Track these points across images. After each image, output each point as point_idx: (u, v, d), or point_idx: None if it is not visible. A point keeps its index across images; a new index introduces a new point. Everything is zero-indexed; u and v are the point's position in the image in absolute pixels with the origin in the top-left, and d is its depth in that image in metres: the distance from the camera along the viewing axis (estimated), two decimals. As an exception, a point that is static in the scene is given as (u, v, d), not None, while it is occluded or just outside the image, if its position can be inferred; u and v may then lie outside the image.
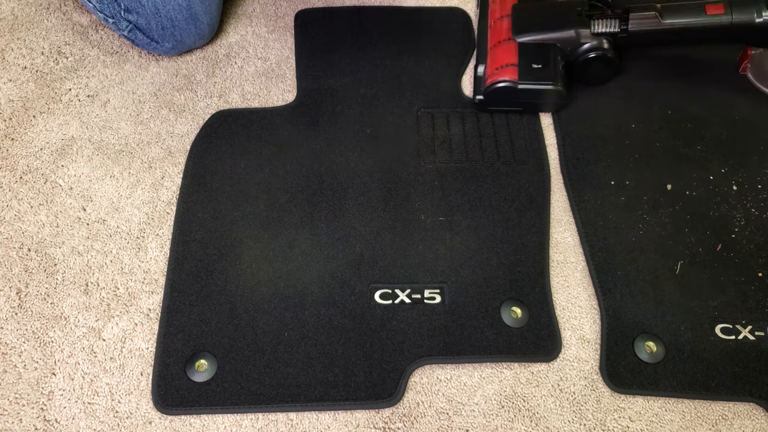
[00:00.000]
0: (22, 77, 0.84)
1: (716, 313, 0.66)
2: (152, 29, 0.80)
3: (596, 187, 0.75)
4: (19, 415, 0.61)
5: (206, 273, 0.68)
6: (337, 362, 0.63)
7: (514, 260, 0.69)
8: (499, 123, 0.79)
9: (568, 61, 0.78)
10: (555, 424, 0.61)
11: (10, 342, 0.65)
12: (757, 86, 0.83)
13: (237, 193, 0.74)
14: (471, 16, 0.90)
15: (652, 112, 0.80)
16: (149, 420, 0.61)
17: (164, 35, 0.80)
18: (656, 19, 0.76)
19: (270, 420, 0.61)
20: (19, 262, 0.70)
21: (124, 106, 0.81)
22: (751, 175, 0.76)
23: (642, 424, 0.62)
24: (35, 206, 0.73)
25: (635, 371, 0.63)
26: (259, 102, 0.82)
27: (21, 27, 0.88)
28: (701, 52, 0.85)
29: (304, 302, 0.67)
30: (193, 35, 0.81)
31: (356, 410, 0.62)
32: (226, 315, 0.66)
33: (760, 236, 0.71)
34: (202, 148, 0.77)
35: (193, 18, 0.79)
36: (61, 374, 0.63)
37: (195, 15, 0.79)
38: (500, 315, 0.66)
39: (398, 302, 0.67)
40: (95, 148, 0.78)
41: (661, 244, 0.71)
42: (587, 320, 0.67)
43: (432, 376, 0.64)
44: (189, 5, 0.78)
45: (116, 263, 0.70)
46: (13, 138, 0.78)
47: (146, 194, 0.74)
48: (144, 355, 0.64)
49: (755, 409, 0.62)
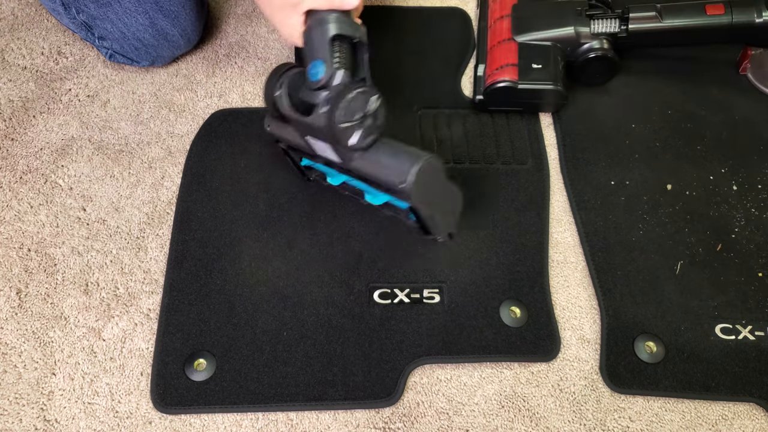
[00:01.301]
0: (22, 77, 0.84)
1: (716, 313, 0.66)
2: (127, 51, 0.80)
3: (596, 187, 0.75)
4: (19, 415, 0.61)
5: (205, 272, 0.68)
6: (336, 362, 0.63)
7: (513, 260, 0.69)
8: (499, 123, 0.79)
9: (568, 61, 0.78)
10: (555, 424, 0.61)
11: (10, 342, 0.65)
12: (757, 86, 0.82)
13: (237, 192, 0.74)
14: (471, 16, 0.90)
15: (652, 112, 0.80)
16: (149, 420, 0.61)
17: (140, 54, 0.81)
18: (656, 19, 0.76)
19: (270, 420, 0.61)
20: (19, 262, 0.70)
21: (124, 106, 0.82)
22: (751, 175, 0.75)
23: (642, 424, 0.61)
24: (35, 206, 0.73)
25: (635, 371, 0.63)
26: (259, 102, 0.82)
27: (21, 27, 0.88)
28: (701, 52, 0.85)
29: (303, 302, 0.67)
30: (167, 49, 0.81)
31: (356, 410, 0.62)
32: (225, 314, 0.66)
33: (760, 236, 0.71)
34: (202, 147, 0.77)
35: (161, 34, 0.78)
36: (61, 374, 0.63)
37: (162, 30, 0.78)
38: (499, 315, 0.66)
39: (397, 302, 0.67)
40: (95, 148, 0.78)
41: (661, 244, 0.71)
42: (587, 320, 0.67)
43: (432, 376, 0.64)
44: (153, 23, 0.77)
45: (116, 263, 0.70)
46: (13, 138, 0.79)
47: (146, 194, 0.74)
48: (144, 355, 0.64)
49: (755, 409, 0.62)
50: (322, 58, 0.56)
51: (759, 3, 0.74)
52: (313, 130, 0.56)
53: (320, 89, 0.56)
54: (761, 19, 0.74)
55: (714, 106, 0.81)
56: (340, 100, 0.52)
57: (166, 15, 0.78)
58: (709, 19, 0.75)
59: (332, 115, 0.53)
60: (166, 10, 0.78)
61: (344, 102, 0.53)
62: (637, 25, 0.76)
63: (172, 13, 0.78)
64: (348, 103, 0.53)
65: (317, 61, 0.56)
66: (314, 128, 0.56)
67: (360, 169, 0.57)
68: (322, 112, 0.54)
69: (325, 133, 0.55)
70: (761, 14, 0.74)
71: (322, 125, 0.54)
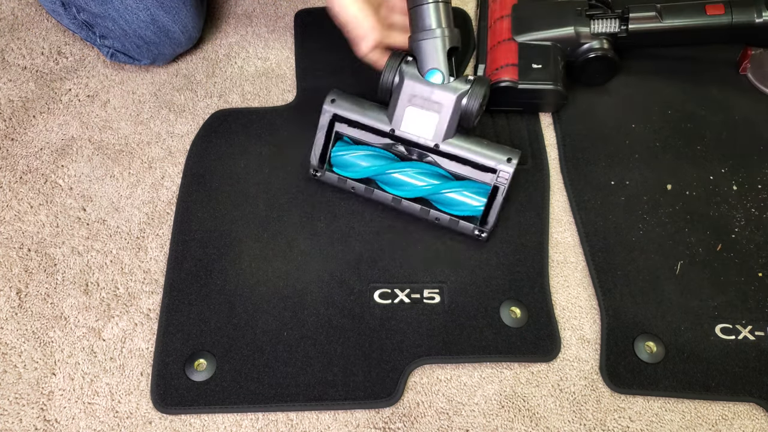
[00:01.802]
0: (22, 77, 0.84)
1: (716, 313, 0.66)
2: (128, 49, 0.81)
3: (596, 187, 0.75)
4: (19, 415, 0.61)
5: (205, 272, 0.68)
6: (336, 362, 0.63)
7: (513, 260, 0.69)
8: (499, 123, 0.79)
9: (568, 61, 0.78)
10: (555, 424, 0.61)
11: (10, 342, 0.65)
12: (757, 86, 0.82)
13: (236, 192, 0.74)
14: (471, 16, 0.90)
15: (652, 112, 0.80)
16: (149, 420, 0.61)
17: (141, 52, 0.81)
18: (656, 19, 0.76)
19: (270, 420, 0.61)
20: (19, 262, 0.70)
21: (124, 106, 0.82)
22: (751, 175, 0.75)
23: (642, 424, 0.62)
24: (35, 206, 0.73)
25: (635, 371, 0.63)
26: (259, 102, 0.82)
27: (21, 27, 0.88)
28: (701, 52, 0.85)
29: (303, 302, 0.67)
30: (168, 46, 0.81)
31: (356, 410, 0.62)
32: (225, 314, 0.66)
33: (760, 236, 0.71)
34: (202, 147, 0.77)
35: (162, 30, 0.78)
36: (61, 374, 0.63)
37: (163, 27, 0.78)
38: (499, 315, 0.66)
39: (397, 302, 0.67)
40: (95, 148, 0.78)
41: (661, 244, 0.71)
42: (587, 320, 0.67)
43: (432, 376, 0.64)
44: (154, 19, 0.77)
45: (116, 263, 0.70)
46: (13, 138, 0.79)
47: (146, 194, 0.74)
48: (144, 355, 0.64)
49: (755, 409, 0.62)
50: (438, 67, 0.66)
51: (759, 3, 0.74)
52: (437, 104, 0.66)
53: None
54: (761, 19, 0.74)
55: (714, 106, 0.81)
56: (485, 88, 0.66)
57: (167, 11, 0.78)
58: (709, 19, 0.75)
59: (475, 98, 0.65)
60: (167, 6, 0.78)
61: (484, 90, 0.66)
62: (637, 25, 0.76)
63: (172, 9, 0.78)
64: (484, 92, 0.66)
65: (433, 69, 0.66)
66: (442, 104, 0.66)
67: (458, 148, 0.67)
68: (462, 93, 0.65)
69: (460, 111, 0.66)
70: (761, 14, 0.74)
71: (464, 105, 0.66)
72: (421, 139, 0.67)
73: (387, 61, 0.67)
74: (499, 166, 0.65)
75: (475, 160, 0.66)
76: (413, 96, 0.66)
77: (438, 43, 0.65)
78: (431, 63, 0.65)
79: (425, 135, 0.67)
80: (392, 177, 0.69)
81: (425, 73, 0.66)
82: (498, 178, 0.66)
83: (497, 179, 0.66)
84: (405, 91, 0.66)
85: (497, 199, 0.67)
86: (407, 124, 0.67)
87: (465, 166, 0.68)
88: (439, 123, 0.66)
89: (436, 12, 0.65)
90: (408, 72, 0.66)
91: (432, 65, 0.65)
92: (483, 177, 0.67)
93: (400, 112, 0.67)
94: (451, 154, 0.67)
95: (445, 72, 0.65)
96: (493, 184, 0.66)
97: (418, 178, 0.69)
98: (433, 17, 0.65)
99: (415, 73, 0.66)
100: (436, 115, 0.66)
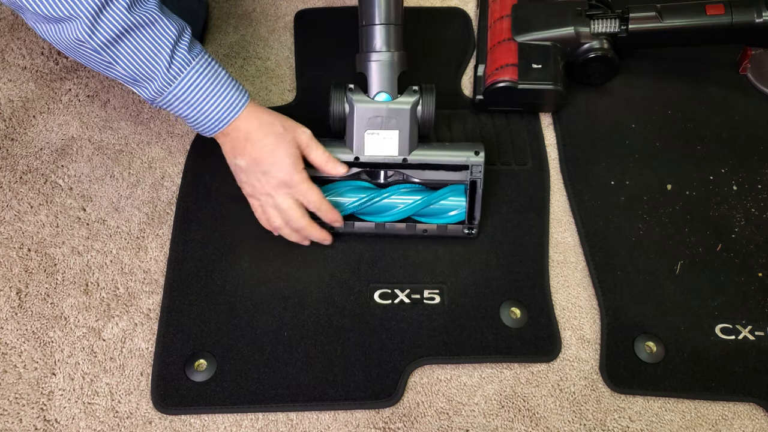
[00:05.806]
0: (22, 77, 0.84)
1: (716, 313, 0.66)
2: None
3: (596, 187, 0.75)
4: (19, 415, 0.61)
5: (206, 273, 0.68)
6: (336, 362, 0.63)
7: (513, 261, 0.69)
8: (499, 123, 0.79)
9: (568, 61, 0.78)
10: (555, 424, 0.61)
11: (10, 342, 0.65)
12: (757, 86, 0.82)
13: (237, 192, 0.74)
14: (471, 16, 0.90)
15: (652, 112, 0.80)
16: (149, 420, 0.61)
17: None
18: (656, 19, 0.76)
19: (270, 420, 0.61)
20: (19, 262, 0.70)
21: (124, 106, 0.81)
22: (751, 175, 0.75)
23: (642, 424, 0.62)
24: (35, 206, 0.73)
25: (635, 371, 0.63)
26: (259, 102, 0.82)
27: (21, 27, 0.88)
28: (701, 52, 0.85)
29: (303, 302, 0.67)
30: None
31: (356, 410, 0.62)
32: (225, 315, 0.66)
33: (760, 236, 0.71)
34: (202, 147, 0.77)
35: None
36: (61, 374, 0.63)
37: None
38: (499, 315, 0.66)
39: (398, 302, 0.67)
40: (95, 148, 0.78)
41: (661, 244, 0.71)
42: (587, 320, 0.67)
43: (432, 376, 0.64)
44: None
45: (116, 263, 0.70)
46: (13, 138, 0.78)
47: (146, 194, 0.74)
48: (144, 355, 0.64)
49: (755, 409, 0.62)
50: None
51: (759, 3, 0.74)
52: (394, 120, 0.67)
53: None
54: (761, 19, 0.74)
55: (714, 106, 0.81)
56: (434, 94, 0.68)
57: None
58: (709, 19, 0.75)
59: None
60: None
61: (434, 96, 0.68)
62: (637, 25, 0.76)
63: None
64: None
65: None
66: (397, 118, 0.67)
67: (426, 156, 0.67)
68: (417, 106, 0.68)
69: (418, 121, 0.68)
70: (761, 14, 0.74)
71: (420, 114, 0.68)
72: (388, 158, 0.67)
73: (331, 92, 0.67)
74: (470, 161, 0.66)
75: (446, 162, 0.67)
76: (368, 119, 0.67)
77: (388, 66, 0.66)
78: (381, 86, 0.67)
79: (391, 153, 0.67)
80: (375, 206, 0.69)
81: (374, 95, 0.67)
82: (472, 174, 0.67)
83: (472, 174, 0.67)
84: (359, 116, 0.67)
85: (477, 193, 0.67)
86: (370, 147, 0.67)
87: (437, 171, 0.68)
88: (401, 138, 0.67)
89: (386, 34, 0.66)
90: (356, 99, 0.67)
91: (382, 88, 0.66)
92: (457, 177, 0.68)
93: (359, 139, 0.67)
94: (422, 164, 0.68)
95: (394, 93, 0.67)
96: (470, 179, 0.67)
97: (399, 199, 0.69)
98: (383, 39, 0.66)
99: (363, 98, 0.67)
100: (396, 132, 0.66)
